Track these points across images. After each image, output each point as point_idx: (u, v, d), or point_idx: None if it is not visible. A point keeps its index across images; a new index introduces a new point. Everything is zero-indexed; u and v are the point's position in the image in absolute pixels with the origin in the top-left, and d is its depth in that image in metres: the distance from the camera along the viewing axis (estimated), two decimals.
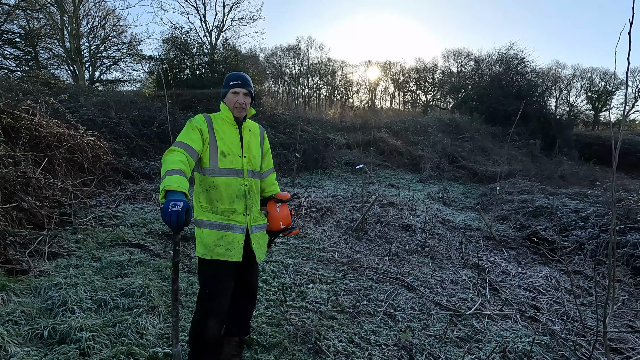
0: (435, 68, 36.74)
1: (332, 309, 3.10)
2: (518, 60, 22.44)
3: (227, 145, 2.04)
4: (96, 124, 7.84)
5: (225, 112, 2.11)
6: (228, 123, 2.10)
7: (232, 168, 2.03)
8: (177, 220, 1.57)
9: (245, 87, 2.10)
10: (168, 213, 1.57)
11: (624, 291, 4.06)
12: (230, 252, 1.99)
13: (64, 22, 17.12)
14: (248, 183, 2.08)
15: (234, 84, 2.09)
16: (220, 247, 1.98)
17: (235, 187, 2.03)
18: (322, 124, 15.23)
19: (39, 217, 4.08)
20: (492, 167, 12.63)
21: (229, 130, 2.08)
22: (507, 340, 2.85)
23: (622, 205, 5.88)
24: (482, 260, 4.60)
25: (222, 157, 2.01)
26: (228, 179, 2.01)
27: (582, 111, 35.71)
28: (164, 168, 1.78)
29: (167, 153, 1.87)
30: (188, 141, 1.93)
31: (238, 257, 2.01)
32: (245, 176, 2.07)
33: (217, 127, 2.05)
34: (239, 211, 2.04)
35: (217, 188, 2.00)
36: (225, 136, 2.05)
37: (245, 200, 2.06)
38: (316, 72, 38.17)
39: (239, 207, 2.04)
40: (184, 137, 1.95)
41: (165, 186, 1.66)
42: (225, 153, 2.02)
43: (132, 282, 3.03)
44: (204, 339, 1.99)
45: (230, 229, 2.01)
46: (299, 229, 5.16)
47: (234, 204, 2.03)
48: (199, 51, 15.85)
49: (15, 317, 2.43)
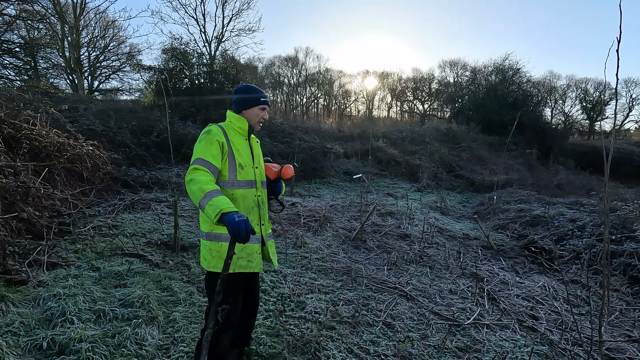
0: (432, 78, 37.22)
1: (331, 319, 3.10)
2: (513, 71, 22.79)
3: (243, 158, 2.03)
4: (95, 133, 7.87)
5: (238, 122, 2.07)
6: (240, 134, 2.08)
7: (248, 180, 2.03)
8: (245, 228, 1.58)
9: (269, 104, 2.15)
10: (236, 223, 1.58)
11: (621, 300, 4.08)
12: (252, 264, 2.02)
13: (64, 32, 17.27)
14: (261, 194, 2.10)
15: (265, 100, 2.10)
16: (242, 259, 1.98)
17: (251, 198, 2.03)
18: (320, 134, 15.32)
19: (38, 227, 4.07)
20: (489, 176, 12.71)
21: (241, 142, 2.06)
22: (505, 350, 2.86)
23: (618, 215, 5.93)
24: (480, 270, 4.62)
25: (240, 170, 2.00)
26: (245, 191, 2.01)
27: (578, 121, 36.12)
28: (200, 188, 1.72)
29: (192, 172, 1.81)
30: (210, 158, 1.88)
31: (259, 267, 2.05)
32: (258, 187, 2.08)
33: (232, 139, 2.02)
34: (255, 222, 2.04)
35: (235, 200, 1.98)
36: (241, 148, 2.04)
37: (259, 210, 2.08)
38: (314, 82, 38.50)
39: (254, 218, 2.05)
40: (204, 152, 1.89)
41: (221, 210, 1.63)
42: (242, 165, 2.01)
43: (131, 292, 3.03)
44: (215, 355, 1.95)
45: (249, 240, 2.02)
46: (298, 237, 5.17)
47: (250, 215, 2.02)
48: (198, 61, 16.00)
49: (14, 328, 2.43)
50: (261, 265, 2.07)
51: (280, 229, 5.57)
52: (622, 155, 19.54)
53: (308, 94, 39.38)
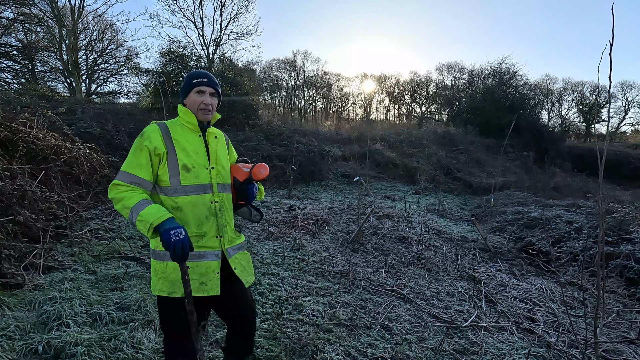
0: (429, 81, 37.42)
1: (328, 321, 3.09)
2: (510, 74, 22.92)
3: (190, 158, 1.72)
4: (93, 136, 7.86)
5: (186, 116, 1.78)
6: (190, 130, 1.79)
7: (199, 184, 1.72)
8: (182, 248, 1.46)
9: (212, 85, 1.79)
10: (172, 243, 1.45)
11: (618, 302, 4.09)
12: (206, 286, 1.70)
13: (62, 35, 17.29)
14: (219, 199, 1.77)
15: (198, 82, 1.77)
16: (193, 280, 1.66)
17: (203, 205, 1.73)
18: (318, 136, 15.34)
19: (35, 230, 4.06)
20: (486, 178, 12.74)
21: (191, 139, 1.77)
22: (503, 353, 2.86)
23: (615, 217, 5.96)
24: (477, 272, 4.62)
25: (184, 172, 1.70)
26: (194, 197, 1.71)
27: (574, 123, 36.36)
28: (124, 205, 1.57)
29: (111, 189, 1.63)
30: (135, 169, 1.65)
31: (215, 290, 1.71)
32: (215, 191, 1.76)
33: (176, 137, 1.73)
34: (210, 234, 1.74)
35: (180, 210, 1.69)
36: (188, 146, 1.74)
37: (217, 219, 1.76)
38: (312, 85, 38.67)
39: (210, 230, 1.74)
40: (130, 163, 1.67)
41: (150, 223, 1.49)
42: (188, 167, 1.71)
43: (128, 296, 3.02)
44: None
45: (202, 258, 1.72)
46: (296, 240, 5.17)
47: (202, 227, 1.72)
48: (196, 64, 16.04)
49: (9, 332, 2.41)
50: (218, 287, 1.72)
51: (278, 231, 5.57)
52: (618, 158, 19.68)
53: (306, 97, 39.54)
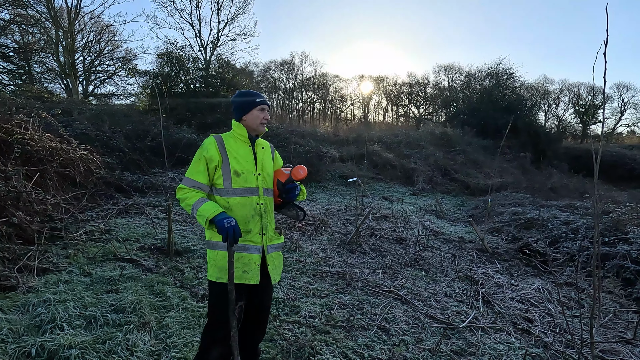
0: (427, 82, 37.43)
1: (325, 323, 3.08)
2: (507, 76, 23.05)
3: (241, 165, 2.01)
4: (89, 137, 7.81)
5: (239, 129, 2.08)
6: (241, 141, 2.08)
7: (247, 187, 2.00)
8: (233, 232, 1.77)
9: (268, 104, 2.14)
10: (225, 229, 1.76)
11: (615, 302, 4.09)
12: (248, 275, 1.96)
13: (58, 37, 17.21)
14: (264, 201, 2.04)
15: (261, 101, 2.08)
16: (237, 269, 1.93)
17: (250, 206, 1.99)
18: (315, 138, 15.33)
19: (29, 232, 4.02)
20: (483, 179, 12.78)
21: (242, 149, 2.06)
22: (500, 353, 2.85)
23: (611, 217, 5.98)
24: (475, 273, 4.62)
25: (235, 177, 1.98)
26: (242, 198, 1.99)
27: (571, 124, 36.50)
28: (187, 204, 1.93)
29: (178, 192, 2.00)
30: (195, 175, 1.99)
31: (255, 279, 1.98)
32: (260, 194, 2.03)
33: (229, 147, 2.03)
34: (255, 231, 2.00)
35: (231, 209, 1.96)
36: (239, 155, 2.03)
37: (261, 219, 2.02)
38: (310, 87, 38.63)
39: (255, 227, 2.00)
40: (191, 170, 2.01)
41: (207, 217, 1.83)
42: (238, 172, 1.99)
43: (123, 298, 2.99)
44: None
45: (247, 250, 1.98)
46: (294, 241, 5.15)
47: (249, 224, 1.98)
48: (193, 66, 16.01)
49: (2, 335, 2.39)
50: (258, 277, 1.98)
51: None
52: (614, 159, 19.81)
53: (304, 99, 39.52)
